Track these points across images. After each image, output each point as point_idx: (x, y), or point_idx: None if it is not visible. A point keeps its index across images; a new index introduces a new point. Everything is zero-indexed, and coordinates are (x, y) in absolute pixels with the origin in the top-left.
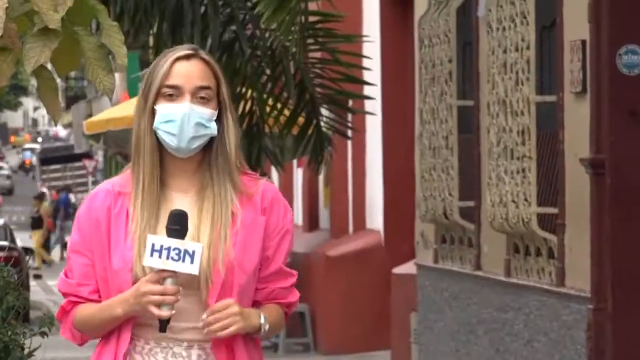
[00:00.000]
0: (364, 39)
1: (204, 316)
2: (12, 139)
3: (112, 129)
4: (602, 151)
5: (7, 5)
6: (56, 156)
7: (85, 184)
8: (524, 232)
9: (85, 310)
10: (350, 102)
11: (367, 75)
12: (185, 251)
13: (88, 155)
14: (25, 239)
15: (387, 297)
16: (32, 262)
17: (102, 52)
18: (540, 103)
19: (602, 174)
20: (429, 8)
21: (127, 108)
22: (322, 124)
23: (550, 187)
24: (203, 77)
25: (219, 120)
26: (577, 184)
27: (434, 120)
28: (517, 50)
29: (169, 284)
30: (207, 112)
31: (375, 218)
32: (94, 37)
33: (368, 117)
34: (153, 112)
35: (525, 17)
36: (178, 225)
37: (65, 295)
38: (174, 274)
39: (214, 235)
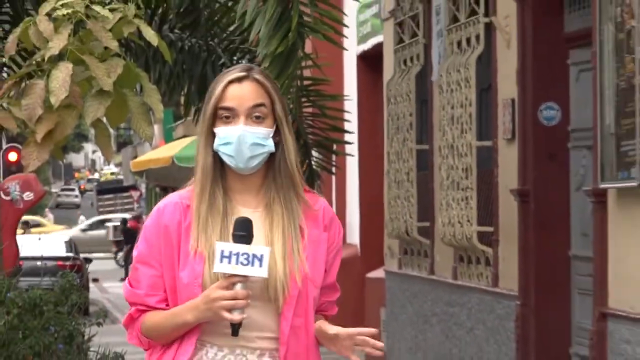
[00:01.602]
0: (345, 97)
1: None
2: (76, 175)
3: (152, 167)
4: (527, 184)
5: (72, 72)
6: (109, 188)
7: (131, 209)
8: (467, 246)
9: (154, 317)
10: (335, 146)
11: (347, 126)
12: (254, 255)
13: (134, 187)
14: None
15: (362, 296)
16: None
17: (144, 108)
18: (480, 147)
19: (527, 201)
20: (395, 73)
21: (163, 151)
22: (313, 163)
23: (487, 211)
24: (256, 97)
25: (277, 135)
26: (508, 209)
27: (398, 160)
28: (461, 106)
29: (239, 288)
30: (262, 131)
31: (354, 235)
32: (138, 97)
33: (348, 158)
34: (212, 134)
35: (468, 82)
36: (244, 231)
37: (132, 304)
38: (243, 278)
39: (287, 248)
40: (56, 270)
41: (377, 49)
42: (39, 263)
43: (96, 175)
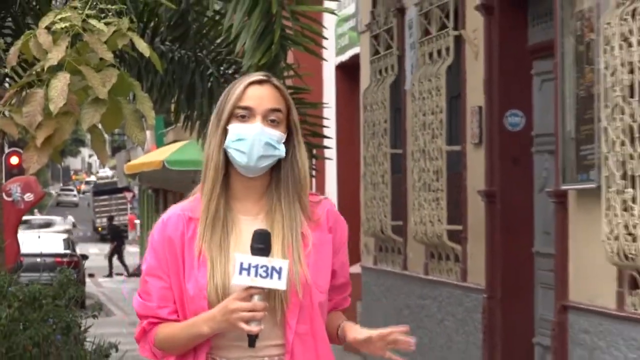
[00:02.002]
0: (324, 105)
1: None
2: (73, 177)
3: (144, 170)
4: (494, 186)
5: (69, 82)
6: (105, 189)
7: (125, 209)
8: (437, 243)
9: (167, 329)
10: (314, 151)
11: (326, 131)
12: (273, 268)
13: (127, 189)
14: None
15: None
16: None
17: (137, 115)
18: (449, 151)
19: (494, 202)
20: (371, 83)
21: (155, 155)
22: None
23: (456, 211)
24: (274, 101)
25: (288, 143)
26: (476, 209)
27: (374, 163)
28: (432, 113)
29: (256, 300)
30: (276, 134)
31: None
32: (131, 104)
33: (327, 162)
34: (225, 132)
35: (438, 90)
36: (262, 244)
37: (144, 317)
38: (262, 290)
39: (287, 257)
40: (54, 266)
41: (354, 60)
42: (38, 259)
43: (92, 178)
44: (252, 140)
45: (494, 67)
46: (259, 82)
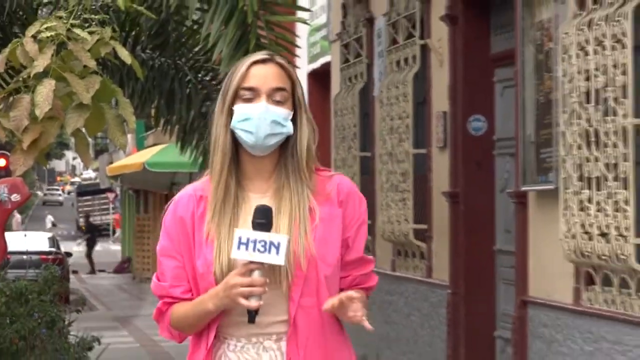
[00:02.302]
0: None
1: (333, 301)
2: (58, 179)
3: (125, 172)
4: (457, 187)
5: (54, 88)
6: (88, 190)
7: (107, 209)
8: (404, 242)
9: (180, 309)
10: None
11: None
12: (271, 243)
13: (110, 190)
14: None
15: None
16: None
17: (119, 120)
18: (416, 154)
19: (457, 202)
20: (341, 89)
21: (136, 158)
22: None
23: (422, 211)
24: (278, 79)
25: (294, 120)
26: (440, 209)
27: (344, 165)
28: (399, 118)
29: (256, 276)
30: (283, 112)
31: None
32: (113, 109)
33: None
34: (230, 113)
35: (405, 96)
36: (264, 219)
37: (160, 297)
38: (260, 265)
39: (294, 231)
40: (40, 264)
41: (326, 68)
42: (24, 257)
43: (77, 179)
44: (258, 120)
45: (458, 75)
46: (263, 61)
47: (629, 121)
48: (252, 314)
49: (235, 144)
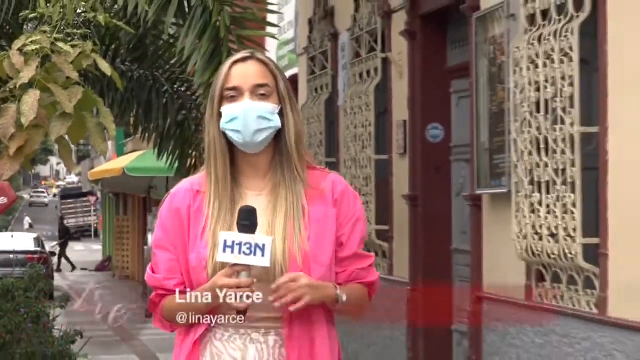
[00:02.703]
0: None
1: (273, 286)
2: (43, 183)
3: (106, 176)
4: (417, 190)
5: (39, 98)
6: (71, 194)
7: (89, 211)
8: (367, 242)
9: (172, 302)
10: None
11: None
12: (256, 245)
13: (91, 193)
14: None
15: None
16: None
17: (100, 128)
18: (378, 160)
19: (416, 205)
20: (308, 99)
21: (116, 163)
22: None
23: (384, 213)
24: (260, 76)
25: (282, 115)
26: (401, 211)
27: None
28: (363, 127)
29: (243, 277)
30: (268, 106)
31: None
32: (94, 118)
33: None
34: (220, 116)
35: (368, 106)
36: (247, 221)
37: (153, 289)
38: (247, 267)
39: (288, 229)
40: (26, 262)
41: (293, 79)
42: (11, 256)
43: (61, 183)
44: (244, 117)
45: (416, 86)
46: (243, 59)
47: (576, 129)
48: (241, 313)
49: (230, 144)
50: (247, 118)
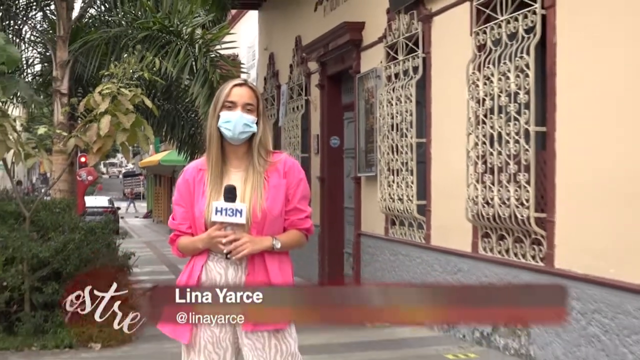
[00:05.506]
0: None
1: (225, 249)
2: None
3: (149, 165)
4: (324, 174)
5: (110, 120)
6: (129, 174)
7: (139, 184)
8: None
9: (184, 241)
10: None
11: None
12: (236, 209)
13: (140, 174)
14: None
15: None
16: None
17: (145, 137)
18: (303, 157)
19: (324, 182)
20: None
21: (154, 157)
22: None
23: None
24: (249, 97)
25: (257, 123)
26: (315, 186)
27: None
28: (294, 137)
29: (228, 230)
30: (251, 118)
31: None
32: (141, 132)
33: None
34: (218, 117)
35: (297, 126)
36: (230, 193)
37: (172, 229)
38: (230, 224)
39: (253, 194)
40: (102, 213)
41: None
42: (95, 209)
43: (122, 169)
44: (235, 122)
45: (324, 115)
46: (240, 84)
47: (414, 140)
48: (227, 254)
49: (221, 137)
50: (237, 123)
